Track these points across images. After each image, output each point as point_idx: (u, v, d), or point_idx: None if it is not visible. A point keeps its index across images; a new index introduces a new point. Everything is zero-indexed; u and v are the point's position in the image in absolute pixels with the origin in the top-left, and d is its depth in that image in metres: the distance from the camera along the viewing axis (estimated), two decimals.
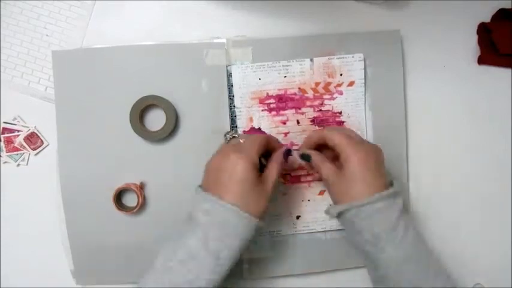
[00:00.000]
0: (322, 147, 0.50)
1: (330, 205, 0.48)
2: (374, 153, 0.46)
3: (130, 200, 0.56)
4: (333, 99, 0.57)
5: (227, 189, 0.44)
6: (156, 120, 0.55)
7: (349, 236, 0.47)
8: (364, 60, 0.56)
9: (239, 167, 0.44)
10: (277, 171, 0.47)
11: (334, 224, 0.56)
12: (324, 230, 0.57)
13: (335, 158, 0.48)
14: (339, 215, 0.46)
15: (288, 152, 0.50)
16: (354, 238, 0.45)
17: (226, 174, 0.44)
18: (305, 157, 0.50)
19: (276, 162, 0.48)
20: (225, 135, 0.55)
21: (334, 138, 0.47)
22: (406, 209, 0.45)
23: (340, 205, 0.45)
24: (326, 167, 0.47)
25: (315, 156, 0.49)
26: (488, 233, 0.59)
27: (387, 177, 0.46)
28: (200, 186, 0.47)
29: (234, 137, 0.54)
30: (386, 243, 0.42)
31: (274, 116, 0.57)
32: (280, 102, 0.56)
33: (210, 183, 0.46)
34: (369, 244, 0.43)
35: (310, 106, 0.56)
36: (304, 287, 0.58)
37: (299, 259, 0.57)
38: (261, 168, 0.47)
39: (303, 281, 0.58)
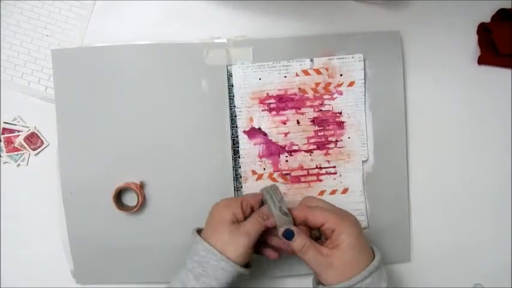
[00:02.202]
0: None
1: (318, 284, 0.46)
2: (357, 223, 0.45)
3: (130, 199, 0.56)
4: (333, 99, 0.57)
5: (213, 235, 0.46)
6: None
7: None
8: (364, 60, 0.56)
9: (223, 217, 0.47)
10: (256, 221, 0.47)
11: None
12: None
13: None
14: None
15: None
16: None
17: (213, 222, 0.48)
18: (287, 235, 0.45)
19: (256, 212, 0.48)
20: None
21: (319, 217, 0.45)
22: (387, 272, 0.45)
23: (332, 287, 0.43)
24: (317, 253, 0.44)
25: (301, 240, 0.45)
26: (488, 233, 0.59)
27: (368, 244, 0.45)
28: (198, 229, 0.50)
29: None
30: None
31: (274, 116, 0.57)
32: (281, 102, 0.56)
33: (206, 226, 0.49)
34: None
35: (310, 106, 0.57)
36: (304, 287, 0.58)
37: (299, 259, 0.57)
38: None
39: (303, 281, 0.58)
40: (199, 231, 0.49)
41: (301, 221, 0.46)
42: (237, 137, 0.56)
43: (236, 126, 0.56)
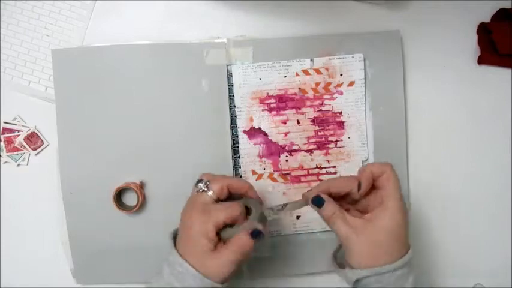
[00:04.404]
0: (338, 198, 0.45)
1: (340, 265, 0.44)
2: (406, 213, 0.42)
3: (131, 199, 0.56)
4: (333, 99, 0.57)
5: (188, 249, 0.43)
6: None
7: None
8: (364, 60, 0.56)
9: (193, 230, 0.42)
10: (238, 251, 0.42)
11: None
12: (324, 230, 0.57)
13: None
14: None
15: (255, 234, 0.43)
16: None
17: (186, 233, 0.43)
18: (317, 201, 0.43)
19: (239, 239, 0.43)
20: (197, 184, 0.46)
21: (389, 182, 0.42)
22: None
23: (361, 270, 0.40)
24: (346, 225, 0.41)
25: (330, 207, 0.42)
26: (488, 233, 0.59)
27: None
28: (175, 232, 0.46)
29: (204, 190, 0.45)
30: None
31: (274, 115, 0.57)
32: (281, 102, 0.56)
33: (179, 235, 0.45)
34: None
35: (311, 106, 0.57)
36: (304, 287, 0.58)
37: (299, 259, 0.57)
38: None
39: (303, 281, 0.58)
40: (175, 236, 0.46)
41: (376, 175, 0.43)
42: (237, 137, 0.56)
43: (236, 126, 0.56)
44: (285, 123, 0.57)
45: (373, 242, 0.40)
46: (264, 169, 0.57)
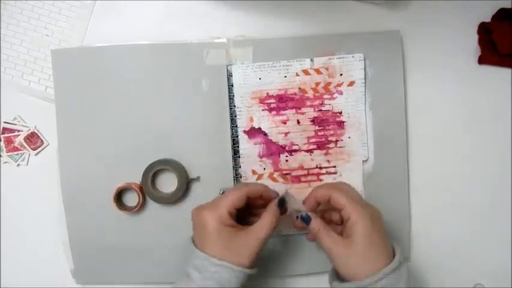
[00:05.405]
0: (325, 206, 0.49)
1: (331, 276, 0.47)
2: (378, 219, 0.45)
3: (131, 199, 0.56)
4: (333, 99, 0.57)
5: (208, 245, 0.44)
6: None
7: None
8: (364, 60, 0.56)
9: (208, 224, 0.45)
10: (269, 224, 0.46)
11: None
12: None
13: (332, 220, 0.49)
14: None
15: (281, 203, 0.48)
16: None
17: (203, 230, 0.45)
18: (304, 219, 0.47)
19: (268, 213, 0.47)
20: (220, 192, 0.55)
21: (340, 200, 0.45)
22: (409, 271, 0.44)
23: (345, 284, 0.43)
24: (329, 238, 0.45)
25: (316, 223, 0.46)
26: (488, 233, 0.59)
27: (389, 242, 0.45)
28: (192, 238, 0.48)
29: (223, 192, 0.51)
30: None
31: (274, 115, 0.57)
32: (281, 102, 0.56)
33: (196, 238, 0.47)
34: None
35: (311, 106, 0.57)
36: (304, 287, 0.58)
37: (299, 259, 0.57)
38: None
39: (303, 281, 0.58)
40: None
41: (325, 199, 0.47)
42: (237, 137, 0.56)
43: (236, 126, 0.56)
44: (285, 123, 0.57)
45: (351, 256, 0.43)
46: (264, 169, 0.57)
